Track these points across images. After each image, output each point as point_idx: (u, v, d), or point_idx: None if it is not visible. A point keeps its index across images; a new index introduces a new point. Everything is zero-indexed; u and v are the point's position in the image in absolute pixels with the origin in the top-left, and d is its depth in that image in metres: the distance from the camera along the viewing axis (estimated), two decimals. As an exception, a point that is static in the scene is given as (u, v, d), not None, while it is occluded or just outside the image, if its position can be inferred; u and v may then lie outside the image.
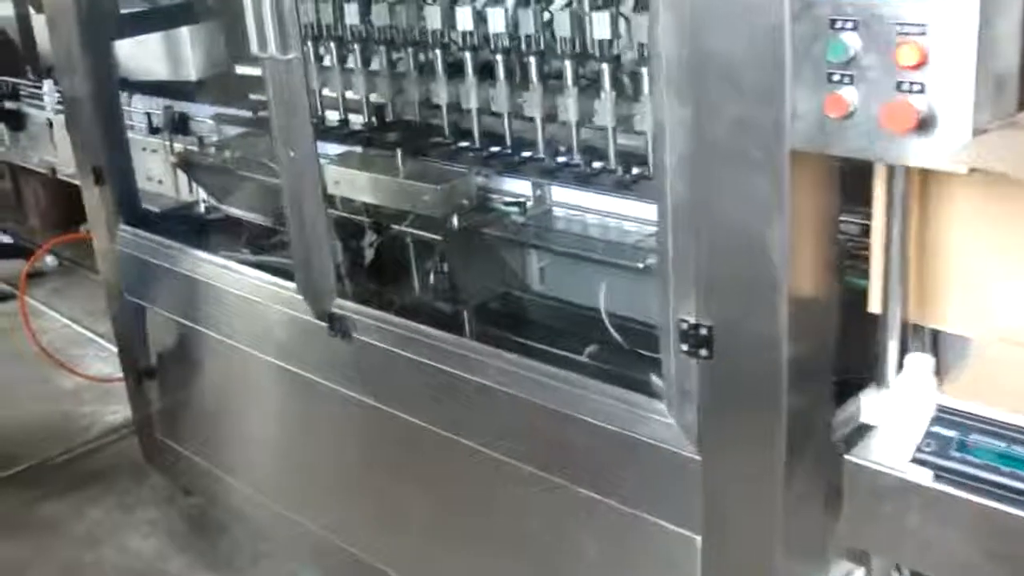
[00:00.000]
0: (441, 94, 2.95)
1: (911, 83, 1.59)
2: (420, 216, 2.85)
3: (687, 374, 2.05)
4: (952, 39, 1.55)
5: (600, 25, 2.54)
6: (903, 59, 1.58)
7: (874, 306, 1.97)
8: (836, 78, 1.66)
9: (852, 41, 1.63)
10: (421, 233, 2.87)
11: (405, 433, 2.72)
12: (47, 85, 5.15)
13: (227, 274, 3.14)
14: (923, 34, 1.57)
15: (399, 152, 2.91)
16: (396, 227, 2.90)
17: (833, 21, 1.64)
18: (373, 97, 3.16)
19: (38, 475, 4.33)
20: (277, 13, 2.55)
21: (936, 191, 1.84)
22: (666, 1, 1.83)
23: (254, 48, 2.63)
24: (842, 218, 1.99)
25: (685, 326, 2.00)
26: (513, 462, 2.50)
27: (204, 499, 3.86)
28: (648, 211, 2.56)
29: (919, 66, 1.58)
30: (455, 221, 2.78)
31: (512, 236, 2.72)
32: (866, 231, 2.06)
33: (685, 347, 2.01)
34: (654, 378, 2.38)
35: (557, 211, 2.80)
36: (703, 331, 1.98)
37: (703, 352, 1.99)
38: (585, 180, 2.67)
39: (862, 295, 2.04)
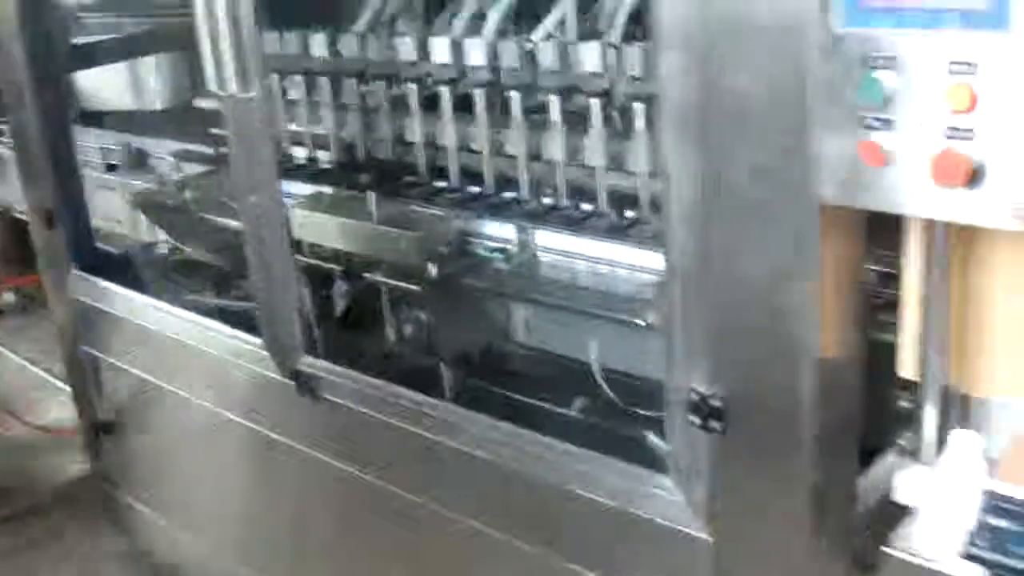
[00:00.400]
0: (415, 130, 2.74)
1: (960, 129, 1.39)
2: (395, 264, 2.63)
3: (696, 447, 1.84)
4: (1007, 79, 1.34)
5: (587, 57, 2.34)
6: (952, 102, 1.38)
7: (906, 370, 1.77)
8: (871, 123, 1.46)
9: (889, 81, 1.43)
10: (396, 283, 2.64)
11: (378, 500, 2.51)
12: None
13: (187, 326, 2.91)
14: (972, 73, 1.36)
15: (371, 194, 2.69)
16: (369, 275, 2.66)
17: (867, 58, 1.44)
18: (343, 133, 2.93)
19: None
20: (236, 47, 2.33)
21: (981, 246, 1.64)
22: (674, 36, 1.63)
23: (212, 85, 2.41)
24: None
25: (695, 396, 1.79)
26: (495, 534, 2.29)
27: (164, 560, 3.61)
28: (643, 257, 2.37)
29: (968, 110, 1.37)
30: (432, 270, 2.56)
31: (496, 287, 2.50)
32: (885, 278, 1.86)
33: (695, 419, 1.80)
34: (652, 438, 2.18)
35: (543, 256, 2.58)
36: (716, 402, 1.77)
37: (715, 425, 1.78)
38: (574, 224, 2.45)
39: (880, 349, 1.85)
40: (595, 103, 2.37)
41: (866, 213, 1.63)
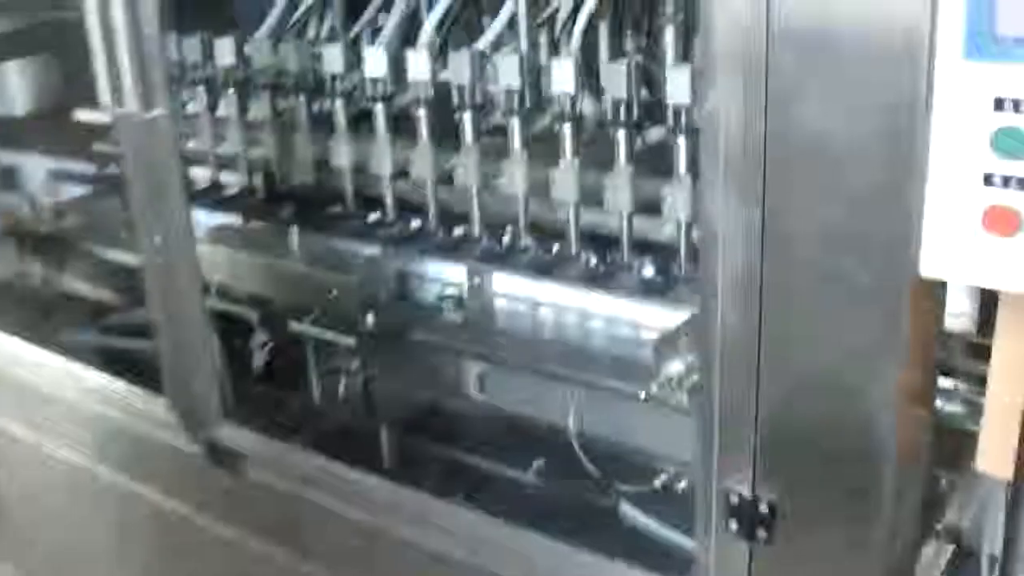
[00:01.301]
0: (342, 153, 2.36)
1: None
2: (325, 311, 2.24)
3: (733, 557, 1.52)
4: None
5: (561, 76, 2.00)
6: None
7: (992, 466, 1.47)
8: (1000, 180, 1.15)
9: (1031, 129, 1.12)
10: (326, 334, 2.24)
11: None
12: None
13: (71, 378, 2.48)
14: None
15: (294, 228, 2.31)
16: (293, 325, 2.26)
17: (1001, 101, 1.13)
18: (255, 153, 2.54)
19: None
20: (136, 57, 1.93)
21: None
22: (731, 55, 1.30)
23: (105, 100, 2.00)
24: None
25: (737, 499, 1.46)
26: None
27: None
28: (624, 309, 2.04)
29: None
30: (370, 319, 2.18)
31: (447, 341, 2.14)
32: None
33: (734, 525, 1.48)
34: (626, 508, 1.87)
35: (502, 304, 2.23)
36: (763, 508, 1.45)
37: (761, 533, 1.46)
38: (540, 268, 2.12)
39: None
40: (566, 128, 2.03)
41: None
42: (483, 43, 2.14)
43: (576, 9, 2.06)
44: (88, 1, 1.95)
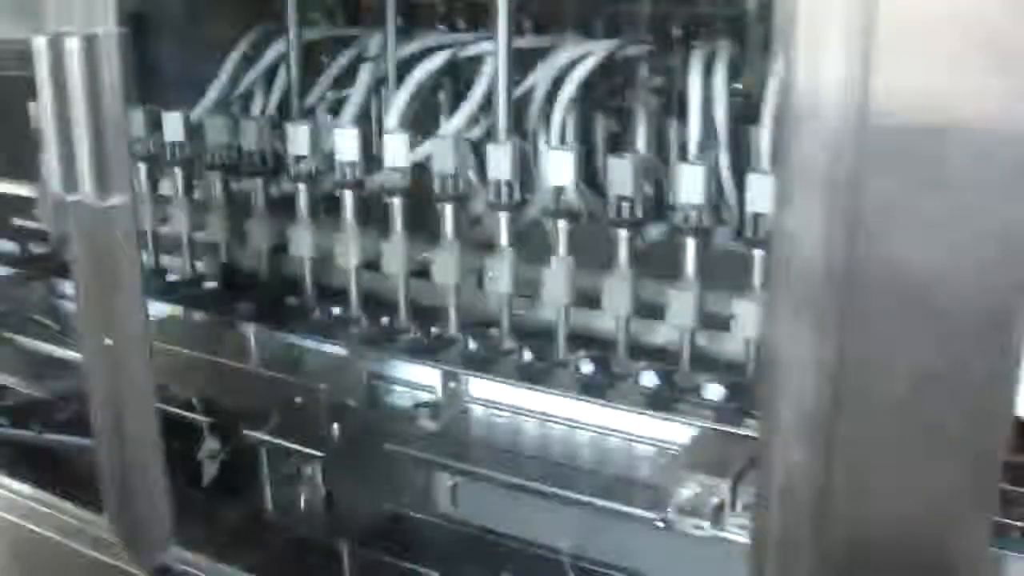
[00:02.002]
0: (303, 245, 2.17)
1: None
2: (284, 417, 2.04)
3: None
4: None
5: (558, 170, 1.85)
6: None
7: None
8: None
9: None
10: (286, 444, 2.02)
11: None
12: None
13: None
14: None
15: (249, 326, 2.11)
16: (249, 432, 2.05)
17: None
18: (203, 236, 2.34)
19: None
20: (97, 136, 1.73)
21: None
22: (812, 170, 1.15)
23: (54, 186, 1.79)
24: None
25: (791, 661, 1.30)
26: None
27: None
28: (621, 421, 1.88)
29: None
30: (335, 429, 1.98)
31: (422, 454, 1.95)
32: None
33: None
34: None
35: (481, 411, 2.05)
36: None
37: None
38: (527, 374, 1.95)
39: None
40: (562, 226, 1.88)
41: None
42: (457, 123, 1.99)
43: (556, 86, 1.93)
44: (39, 69, 1.73)
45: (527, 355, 1.96)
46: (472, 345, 2.00)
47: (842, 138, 1.13)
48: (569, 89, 1.92)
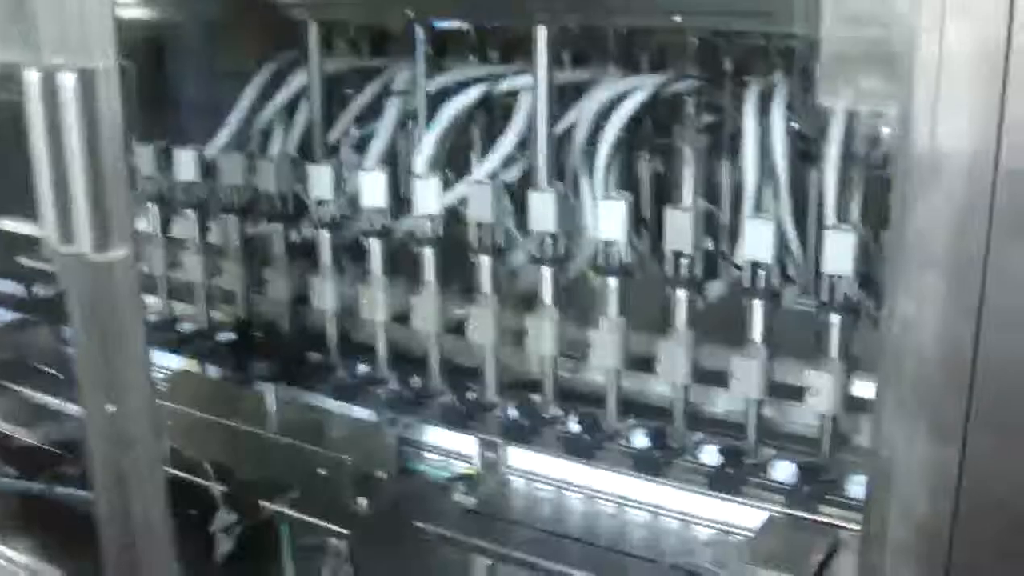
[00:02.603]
0: (327, 296, 2.00)
1: None
2: (307, 491, 1.84)
3: None
4: None
5: (608, 222, 1.66)
6: None
7: None
8: None
9: None
10: (308, 518, 1.83)
11: None
12: None
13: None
14: None
15: (268, 388, 1.93)
16: (266, 504, 1.86)
17: None
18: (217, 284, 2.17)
19: None
20: (95, 183, 1.53)
21: None
22: (933, 249, 0.96)
23: (51, 240, 1.60)
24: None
25: None
26: None
27: None
28: (677, 501, 1.68)
29: None
30: (363, 503, 1.79)
31: (457, 532, 1.75)
32: None
33: None
34: None
35: (520, 483, 1.85)
36: None
37: None
38: (573, 446, 1.76)
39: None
40: (611, 282, 1.69)
41: None
42: (492, 164, 1.81)
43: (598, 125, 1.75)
44: (31, 105, 1.54)
45: (572, 424, 1.77)
46: (512, 412, 1.81)
47: (971, 202, 0.94)
48: (615, 127, 1.74)
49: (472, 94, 1.87)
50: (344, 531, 1.79)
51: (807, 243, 1.69)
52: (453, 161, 1.92)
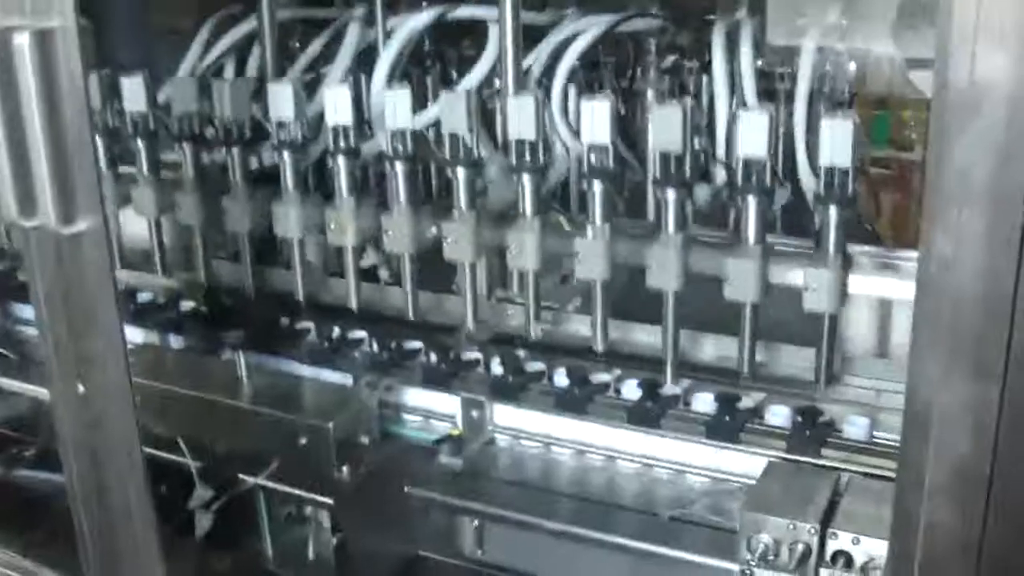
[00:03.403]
0: (290, 222, 1.88)
1: None
2: (287, 460, 1.79)
3: None
4: None
5: (593, 124, 1.58)
6: None
7: None
8: None
9: None
10: (289, 489, 1.77)
11: None
12: None
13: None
14: None
15: (240, 354, 1.86)
16: (245, 477, 1.79)
17: None
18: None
19: None
20: (54, 152, 1.45)
21: None
22: (969, 182, 0.93)
23: (8, 212, 1.51)
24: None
25: None
26: None
27: None
28: (671, 451, 1.66)
29: None
30: (345, 472, 1.74)
31: (445, 497, 1.71)
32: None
33: None
34: None
35: (507, 442, 1.81)
36: None
37: None
38: (561, 402, 1.72)
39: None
40: (598, 188, 1.60)
41: None
42: (466, 84, 1.74)
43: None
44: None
45: (560, 377, 1.74)
46: (496, 368, 1.77)
47: (1011, 137, 0.91)
48: (568, 62, 1.71)
49: (425, 16, 1.81)
50: (327, 500, 1.74)
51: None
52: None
